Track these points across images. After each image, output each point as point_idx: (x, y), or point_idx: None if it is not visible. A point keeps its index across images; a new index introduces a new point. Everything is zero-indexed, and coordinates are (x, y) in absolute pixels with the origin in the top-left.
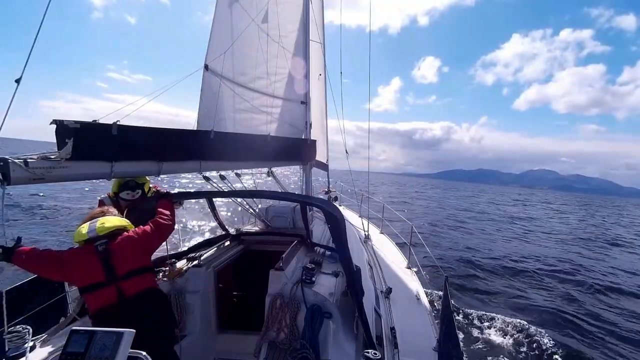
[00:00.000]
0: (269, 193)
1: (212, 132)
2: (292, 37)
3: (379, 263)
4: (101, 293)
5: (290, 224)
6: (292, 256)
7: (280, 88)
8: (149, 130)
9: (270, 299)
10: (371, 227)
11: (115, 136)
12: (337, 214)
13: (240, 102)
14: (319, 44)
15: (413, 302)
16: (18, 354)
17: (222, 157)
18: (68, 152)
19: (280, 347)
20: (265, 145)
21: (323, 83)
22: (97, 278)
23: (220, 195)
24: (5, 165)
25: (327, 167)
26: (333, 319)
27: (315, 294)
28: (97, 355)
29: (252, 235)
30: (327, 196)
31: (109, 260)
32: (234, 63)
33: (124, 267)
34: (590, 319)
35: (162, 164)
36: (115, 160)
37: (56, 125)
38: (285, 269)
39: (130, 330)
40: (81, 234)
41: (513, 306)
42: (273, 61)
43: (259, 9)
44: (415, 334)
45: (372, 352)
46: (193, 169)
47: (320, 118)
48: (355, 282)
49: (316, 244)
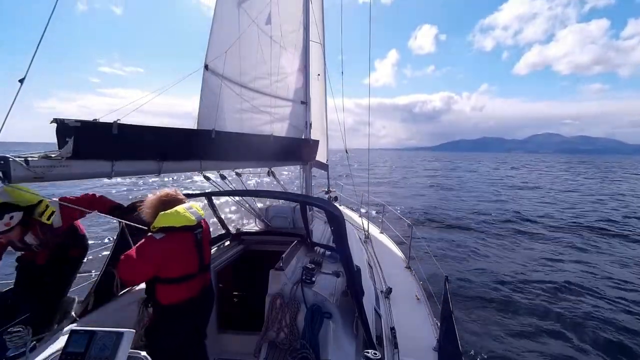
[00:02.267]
0: (269, 192)
1: (214, 131)
2: (292, 37)
3: (379, 263)
4: (191, 284)
5: (290, 224)
6: (292, 256)
7: (281, 88)
8: (150, 129)
9: (270, 299)
10: (371, 227)
11: (115, 135)
12: (338, 214)
13: (240, 102)
14: (319, 44)
15: (413, 302)
16: (18, 354)
17: (223, 157)
18: (69, 151)
19: (280, 347)
20: (265, 145)
21: (323, 83)
22: (193, 269)
23: (221, 195)
24: (6, 163)
25: (327, 167)
26: (333, 319)
27: (315, 294)
28: (97, 355)
29: (252, 235)
30: (327, 196)
31: (201, 250)
32: (234, 63)
33: (207, 258)
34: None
35: (162, 163)
36: (116, 159)
37: (57, 124)
38: (285, 269)
39: (130, 330)
40: (189, 219)
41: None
42: (273, 61)
43: (259, 9)
44: (415, 334)
45: (372, 352)
46: (193, 168)
47: (320, 118)
48: (356, 281)
49: (316, 244)
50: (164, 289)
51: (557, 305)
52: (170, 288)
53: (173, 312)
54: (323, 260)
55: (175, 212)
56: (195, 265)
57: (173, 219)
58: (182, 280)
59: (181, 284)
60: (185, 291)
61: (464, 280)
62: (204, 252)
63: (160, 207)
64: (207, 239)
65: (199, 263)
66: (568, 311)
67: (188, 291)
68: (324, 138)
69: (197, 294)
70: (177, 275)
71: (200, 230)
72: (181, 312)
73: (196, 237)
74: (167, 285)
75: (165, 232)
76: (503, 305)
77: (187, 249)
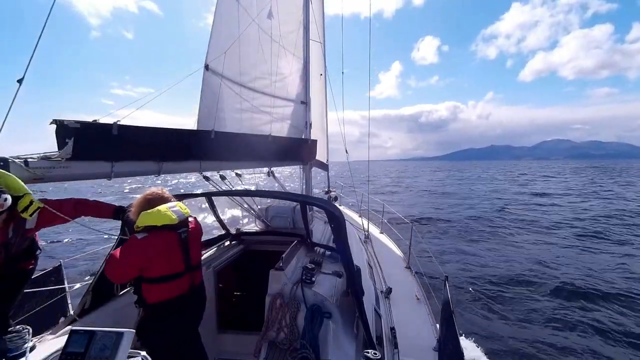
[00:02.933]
0: (269, 192)
1: (213, 132)
2: (292, 37)
3: (379, 263)
4: (177, 283)
5: (290, 224)
6: (292, 256)
7: (281, 88)
8: (149, 130)
9: (270, 299)
10: (371, 227)
11: (115, 136)
12: (338, 214)
13: (240, 102)
14: (319, 43)
15: (413, 302)
16: (18, 354)
17: (223, 157)
18: (68, 152)
19: (280, 347)
20: (265, 145)
21: (323, 83)
22: (178, 268)
23: (221, 195)
24: (6, 164)
25: (327, 167)
26: (333, 319)
27: (315, 294)
28: (97, 355)
29: (252, 235)
30: (327, 196)
31: (187, 249)
32: (235, 63)
33: (196, 258)
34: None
35: (162, 163)
36: (116, 160)
37: (56, 125)
38: (285, 269)
39: (130, 330)
40: (170, 217)
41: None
42: (273, 61)
43: (259, 9)
44: (415, 334)
45: (372, 352)
46: (193, 168)
47: (320, 118)
48: (356, 281)
49: (316, 244)
50: (148, 288)
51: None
52: (155, 287)
53: (159, 311)
54: (323, 260)
55: (157, 211)
56: (180, 264)
57: (153, 218)
58: (168, 280)
59: (167, 283)
60: (171, 290)
61: (464, 280)
62: (190, 251)
63: (146, 206)
64: (195, 238)
65: (184, 262)
66: (569, 311)
67: (174, 290)
68: (324, 137)
69: (185, 292)
70: (161, 274)
71: (185, 230)
72: (168, 310)
73: (180, 235)
74: (152, 285)
75: (148, 232)
76: (503, 305)
77: (170, 248)
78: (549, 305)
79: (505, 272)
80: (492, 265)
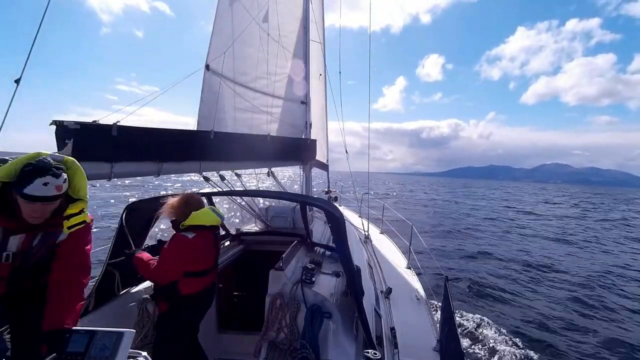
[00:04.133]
0: (269, 193)
1: (212, 132)
2: (292, 37)
3: (379, 263)
4: (204, 279)
5: (290, 224)
6: (292, 256)
7: (281, 88)
8: (149, 130)
9: (270, 299)
10: (371, 227)
11: (115, 137)
12: (338, 214)
13: (240, 102)
14: (319, 43)
15: (413, 302)
16: None
17: (222, 158)
18: (68, 153)
19: (280, 347)
20: (265, 146)
21: (323, 83)
22: (210, 264)
23: (221, 195)
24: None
25: (327, 167)
26: (333, 319)
27: (315, 294)
28: (97, 355)
29: (252, 235)
30: (327, 196)
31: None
32: (235, 63)
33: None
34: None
35: (162, 164)
36: (115, 160)
37: (56, 126)
38: (285, 269)
39: (130, 330)
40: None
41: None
42: (273, 61)
43: (259, 9)
44: (415, 334)
45: (372, 352)
46: (193, 169)
47: (320, 118)
48: (356, 281)
49: (316, 244)
50: (188, 281)
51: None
52: (192, 281)
53: (186, 301)
54: (323, 260)
55: (207, 212)
56: (211, 261)
57: (205, 218)
58: (202, 275)
59: (201, 277)
60: (199, 284)
61: (464, 280)
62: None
63: (185, 208)
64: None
65: (214, 259)
66: (571, 311)
67: (201, 284)
68: (324, 137)
69: (208, 286)
70: (200, 269)
71: (219, 231)
72: (192, 302)
73: (215, 236)
74: (190, 279)
75: (195, 231)
76: (504, 305)
77: (209, 246)
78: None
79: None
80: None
